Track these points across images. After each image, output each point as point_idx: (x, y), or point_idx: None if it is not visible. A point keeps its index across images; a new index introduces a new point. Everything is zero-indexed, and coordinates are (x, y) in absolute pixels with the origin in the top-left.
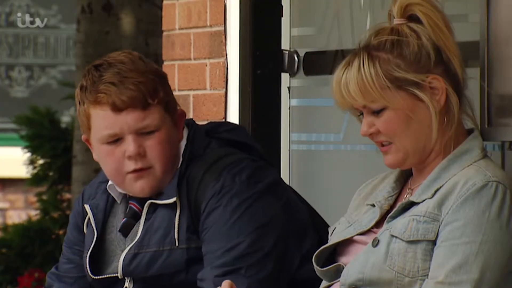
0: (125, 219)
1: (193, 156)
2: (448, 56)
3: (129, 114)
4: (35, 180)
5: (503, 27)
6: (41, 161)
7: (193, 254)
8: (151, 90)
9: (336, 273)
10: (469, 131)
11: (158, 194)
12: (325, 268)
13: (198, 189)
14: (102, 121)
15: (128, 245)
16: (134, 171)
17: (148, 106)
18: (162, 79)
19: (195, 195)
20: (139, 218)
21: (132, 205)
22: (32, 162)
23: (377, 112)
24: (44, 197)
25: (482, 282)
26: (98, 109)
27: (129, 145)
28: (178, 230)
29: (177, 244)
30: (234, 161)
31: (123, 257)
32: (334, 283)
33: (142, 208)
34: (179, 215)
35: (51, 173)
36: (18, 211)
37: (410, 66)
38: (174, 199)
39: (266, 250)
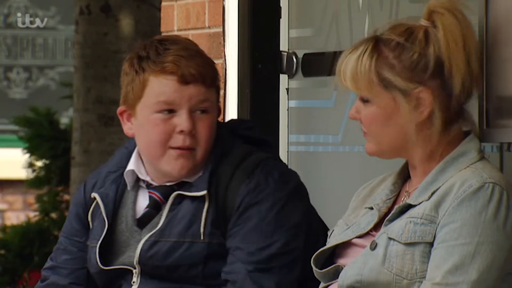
0: (147, 209)
1: (223, 153)
2: (451, 72)
3: (193, 87)
4: (34, 181)
5: (502, 28)
6: (39, 163)
7: (213, 249)
8: (213, 73)
9: (335, 274)
10: (467, 133)
11: (185, 186)
12: (324, 270)
13: (228, 185)
14: (162, 88)
15: (146, 234)
16: (179, 148)
17: (210, 87)
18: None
19: (225, 191)
20: (160, 208)
21: (153, 195)
22: (31, 164)
23: (364, 101)
24: (43, 198)
25: (479, 284)
26: (162, 77)
27: (185, 121)
28: (205, 223)
29: (202, 238)
30: (262, 160)
31: (141, 243)
32: (332, 283)
33: (163, 198)
34: (207, 209)
35: (50, 174)
36: (17, 212)
37: (403, 71)
38: (204, 192)
39: (297, 252)
